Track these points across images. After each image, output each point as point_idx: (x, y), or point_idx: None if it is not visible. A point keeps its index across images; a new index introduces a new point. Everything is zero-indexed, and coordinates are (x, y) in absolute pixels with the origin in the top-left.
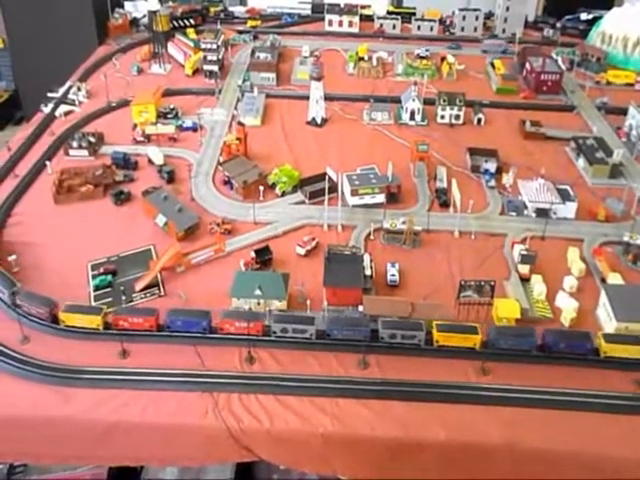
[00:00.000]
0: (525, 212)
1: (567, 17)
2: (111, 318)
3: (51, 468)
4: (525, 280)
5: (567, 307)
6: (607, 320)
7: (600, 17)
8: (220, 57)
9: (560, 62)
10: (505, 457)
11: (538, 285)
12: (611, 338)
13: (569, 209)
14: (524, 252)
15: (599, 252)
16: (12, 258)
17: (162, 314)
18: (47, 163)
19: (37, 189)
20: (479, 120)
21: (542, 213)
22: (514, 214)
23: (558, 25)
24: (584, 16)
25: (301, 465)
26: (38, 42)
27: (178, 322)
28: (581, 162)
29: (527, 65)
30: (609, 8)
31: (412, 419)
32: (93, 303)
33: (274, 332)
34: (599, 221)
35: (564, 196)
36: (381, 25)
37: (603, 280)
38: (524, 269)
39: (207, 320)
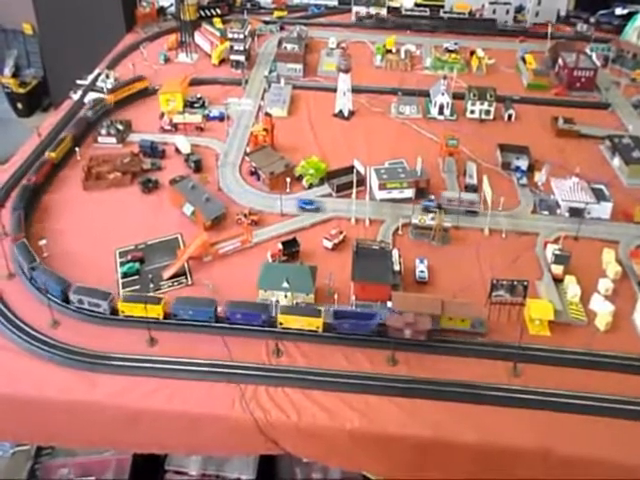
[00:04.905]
0: (558, 211)
1: (601, 12)
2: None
3: (77, 451)
4: (558, 281)
5: (602, 311)
6: None
7: (636, 12)
8: (247, 47)
9: (594, 58)
10: (538, 462)
11: (572, 286)
12: (287, 310)
13: (604, 209)
14: (558, 252)
15: (636, 254)
16: (42, 243)
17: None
18: (76, 150)
19: (66, 175)
20: (510, 116)
21: (576, 213)
22: (546, 213)
23: (592, 20)
24: (619, 11)
25: (327, 460)
26: (67, 29)
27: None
28: (616, 161)
29: (560, 60)
30: None
31: (442, 419)
32: (121, 290)
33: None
34: (635, 223)
35: (599, 196)
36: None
37: None
38: (557, 269)
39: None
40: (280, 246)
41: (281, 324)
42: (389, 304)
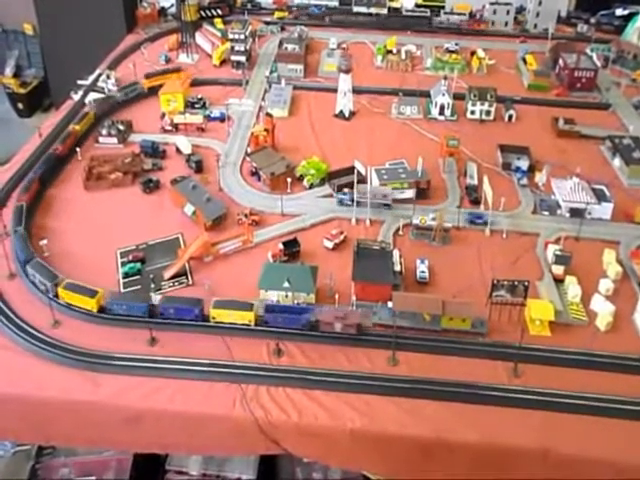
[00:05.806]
0: (558, 212)
1: (601, 12)
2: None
3: (78, 451)
4: (559, 281)
5: (603, 311)
6: None
7: (637, 13)
8: (247, 48)
9: (595, 59)
10: (538, 462)
11: (573, 287)
12: (219, 304)
13: (605, 210)
14: (559, 252)
15: (637, 255)
16: (43, 243)
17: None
18: (77, 150)
19: (67, 175)
20: (510, 116)
21: (576, 213)
22: (547, 213)
23: (592, 21)
24: (619, 11)
25: (328, 460)
26: (67, 30)
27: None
28: (617, 162)
29: (560, 61)
30: None
31: (442, 419)
32: (122, 290)
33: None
34: (636, 223)
35: (599, 196)
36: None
37: None
38: (558, 270)
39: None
40: (281, 246)
41: (214, 318)
42: (390, 304)
